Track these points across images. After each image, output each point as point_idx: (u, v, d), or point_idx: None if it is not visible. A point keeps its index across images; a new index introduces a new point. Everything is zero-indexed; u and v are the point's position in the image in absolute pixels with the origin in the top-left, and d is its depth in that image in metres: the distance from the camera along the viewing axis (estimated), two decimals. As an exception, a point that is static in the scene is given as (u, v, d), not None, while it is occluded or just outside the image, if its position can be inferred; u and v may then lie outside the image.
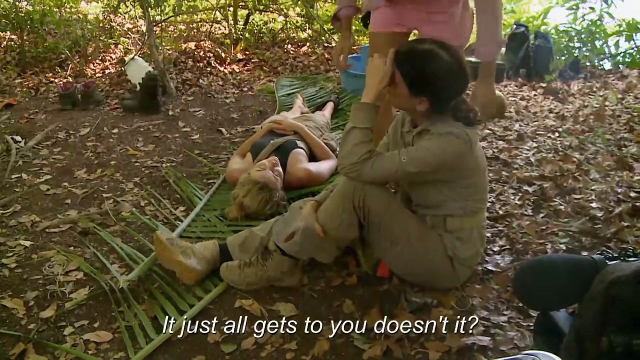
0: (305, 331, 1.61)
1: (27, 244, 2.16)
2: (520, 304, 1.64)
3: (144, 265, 1.94)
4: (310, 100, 4.03)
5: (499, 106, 3.67)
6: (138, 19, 6.43)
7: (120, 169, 2.96)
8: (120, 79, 4.83)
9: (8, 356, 1.55)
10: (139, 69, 4.45)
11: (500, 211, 2.28)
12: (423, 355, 1.50)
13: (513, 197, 2.41)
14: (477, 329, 1.58)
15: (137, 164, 3.04)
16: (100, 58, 5.46)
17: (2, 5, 5.26)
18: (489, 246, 2.00)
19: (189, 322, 1.66)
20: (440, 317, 1.61)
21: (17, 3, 5.28)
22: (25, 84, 4.82)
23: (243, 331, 1.63)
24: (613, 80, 4.77)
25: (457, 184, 1.63)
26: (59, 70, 5.15)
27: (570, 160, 2.78)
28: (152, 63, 4.60)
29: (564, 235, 2.06)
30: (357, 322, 1.63)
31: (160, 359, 1.55)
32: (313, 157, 2.68)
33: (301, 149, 2.63)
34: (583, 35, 5.43)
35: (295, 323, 1.64)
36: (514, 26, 5.21)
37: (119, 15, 6.46)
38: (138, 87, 4.10)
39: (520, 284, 1.39)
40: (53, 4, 5.62)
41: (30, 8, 5.39)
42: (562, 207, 2.27)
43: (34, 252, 2.10)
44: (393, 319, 1.61)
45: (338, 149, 2.74)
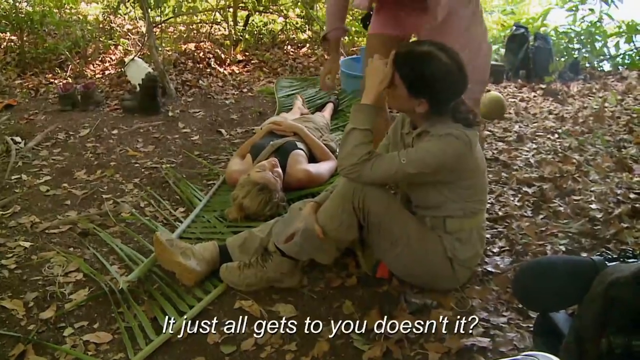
0: (305, 332, 1.61)
1: (27, 244, 2.16)
2: (519, 305, 1.64)
3: (143, 266, 1.94)
4: (310, 101, 4.03)
5: (499, 107, 3.68)
6: (138, 20, 6.43)
7: (120, 170, 2.96)
8: (120, 80, 4.83)
9: (8, 357, 1.55)
10: (138, 70, 4.45)
11: (500, 212, 2.28)
12: (423, 356, 1.50)
13: (513, 199, 2.41)
14: (477, 330, 1.58)
15: (137, 165, 3.04)
16: (100, 59, 5.46)
17: (2, 6, 5.26)
18: (488, 247, 2.00)
19: (189, 323, 1.66)
20: (440, 318, 1.61)
21: (17, 4, 5.28)
22: (25, 84, 4.82)
23: (243, 332, 1.63)
24: (612, 81, 4.77)
25: (457, 185, 1.64)
26: (59, 71, 5.15)
27: (570, 161, 2.78)
28: (152, 64, 4.60)
29: (563, 236, 2.06)
30: (357, 323, 1.63)
31: (160, 360, 1.55)
32: (313, 158, 2.68)
33: (301, 150, 2.63)
34: (583, 37, 5.44)
35: (295, 324, 1.64)
36: (514, 27, 5.21)
37: (119, 16, 6.46)
38: (138, 88, 4.10)
39: (520, 285, 1.39)
40: (53, 5, 5.63)
41: (30, 9, 5.40)
42: (562, 209, 2.28)
43: (33, 253, 2.10)
44: (393, 320, 1.62)
45: (338, 150, 2.74)
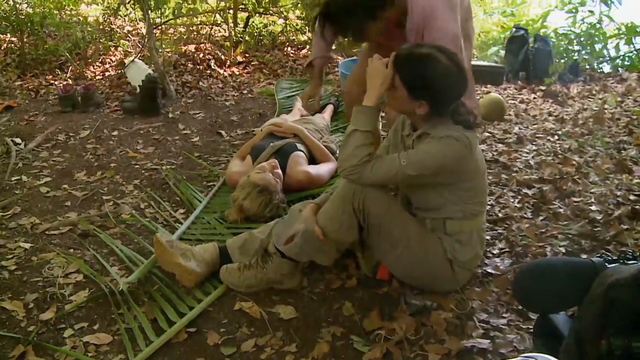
0: (305, 333, 1.62)
1: (27, 246, 2.16)
2: (519, 307, 1.64)
3: (143, 268, 1.94)
4: (310, 102, 4.02)
5: (499, 109, 3.68)
6: (138, 21, 6.43)
7: (120, 171, 2.97)
8: (120, 82, 4.83)
9: (8, 358, 1.55)
10: (138, 72, 4.45)
11: (500, 214, 2.28)
12: (423, 357, 1.50)
13: (512, 200, 2.41)
14: (477, 331, 1.58)
15: (137, 167, 3.04)
16: (100, 60, 5.47)
17: (3, 8, 5.27)
18: (488, 249, 2.00)
19: (189, 325, 1.66)
20: (440, 320, 1.61)
21: (18, 5, 5.29)
22: (25, 86, 4.82)
23: (243, 333, 1.63)
24: (612, 83, 4.77)
25: (457, 187, 1.64)
26: (59, 73, 5.15)
27: (570, 163, 2.78)
28: (152, 65, 4.60)
29: (563, 238, 2.06)
30: (357, 325, 1.63)
31: (159, 361, 1.55)
32: (313, 160, 2.68)
33: (301, 151, 2.63)
34: (582, 39, 5.43)
35: (295, 325, 1.64)
36: (514, 29, 5.21)
37: (119, 17, 6.47)
38: (138, 90, 4.10)
39: (520, 287, 1.39)
40: (53, 7, 5.63)
41: (30, 10, 5.40)
42: (562, 210, 2.28)
43: (33, 254, 2.10)
44: (393, 321, 1.62)
45: (338, 152, 2.74)
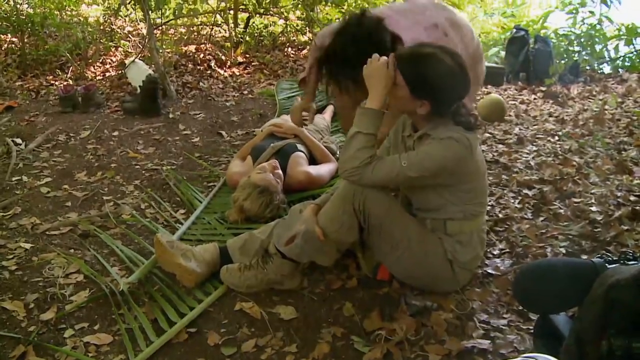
0: (306, 334, 1.62)
1: (28, 246, 2.16)
2: (520, 308, 1.64)
3: (144, 268, 1.94)
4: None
5: (499, 110, 3.69)
6: (138, 22, 6.44)
7: (120, 171, 2.97)
8: (120, 82, 4.84)
9: (8, 358, 1.55)
10: (139, 72, 4.46)
11: (500, 215, 2.28)
12: (423, 358, 1.50)
13: (513, 201, 2.41)
14: (477, 332, 1.58)
15: (138, 167, 3.04)
16: (100, 61, 5.48)
17: (3, 8, 5.28)
18: (488, 250, 2.00)
19: (189, 325, 1.67)
20: (440, 320, 1.61)
21: (18, 6, 5.30)
22: (25, 86, 4.83)
23: (243, 333, 1.63)
24: (613, 84, 4.78)
25: (458, 188, 1.64)
26: (60, 73, 5.16)
27: (570, 164, 2.78)
28: (153, 66, 4.61)
29: (563, 238, 2.06)
30: (357, 325, 1.63)
31: (160, 361, 1.55)
32: (313, 161, 2.68)
33: (301, 152, 2.63)
34: (583, 39, 5.44)
35: (296, 326, 1.64)
36: (514, 30, 5.22)
37: (120, 18, 6.47)
38: (138, 90, 4.11)
39: (520, 288, 1.39)
40: (54, 7, 5.64)
41: (31, 11, 5.41)
42: (562, 211, 2.28)
43: (34, 255, 2.10)
44: (393, 321, 1.62)
45: (339, 153, 2.74)
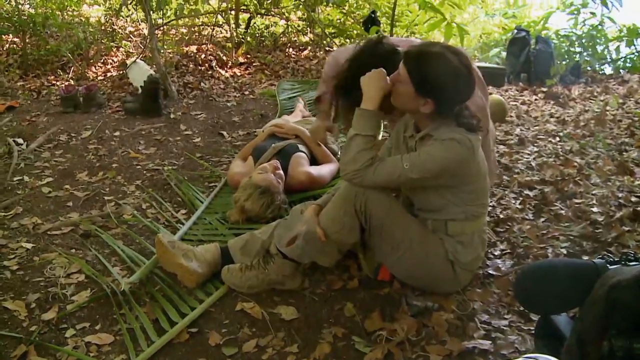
0: (307, 334, 1.62)
1: (29, 246, 2.17)
2: (521, 308, 1.64)
3: (145, 268, 1.94)
4: (311, 103, 4.03)
5: (500, 111, 3.69)
6: (140, 22, 6.45)
7: (121, 171, 2.97)
8: (122, 82, 4.85)
9: (10, 358, 1.55)
10: (140, 72, 4.47)
11: (501, 215, 2.28)
12: (424, 358, 1.50)
13: (514, 202, 2.41)
14: (478, 332, 1.58)
15: (139, 167, 3.04)
16: (102, 61, 5.48)
17: (5, 8, 5.29)
18: (489, 250, 2.00)
19: (190, 325, 1.67)
20: (441, 321, 1.61)
21: (20, 6, 5.31)
22: (27, 86, 4.84)
23: (244, 334, 1.63)
24: (614, 85, 4.78)
25: (459, 189, 1.64)
26: (61, 73, 5.17)
27: (571, 164, 2.78)
28: (154, 66, 4.61)
29: (564, 239, 2.06)
30: (358, 326, 1.63)
31: (161, 361, 1.55)
32: (314, 161, 2.68)
33: (302, 152, 2.63)
34: (584, 40, 5.45)
35: (297, 326, 1.64)
36: (515, 31, 5.23)
37: (121, 18, 6.48)
38: (140, 90, 4.11)
39: (521, 288, 1.39)
40: (55, 7, 5.65)
41: (32, 11, 5.42)
42: (563, 212, 2.28)
43: (35, 255, 2.11)
44: (394, 322, 1.62)
45: (339, 153, 2.74)
